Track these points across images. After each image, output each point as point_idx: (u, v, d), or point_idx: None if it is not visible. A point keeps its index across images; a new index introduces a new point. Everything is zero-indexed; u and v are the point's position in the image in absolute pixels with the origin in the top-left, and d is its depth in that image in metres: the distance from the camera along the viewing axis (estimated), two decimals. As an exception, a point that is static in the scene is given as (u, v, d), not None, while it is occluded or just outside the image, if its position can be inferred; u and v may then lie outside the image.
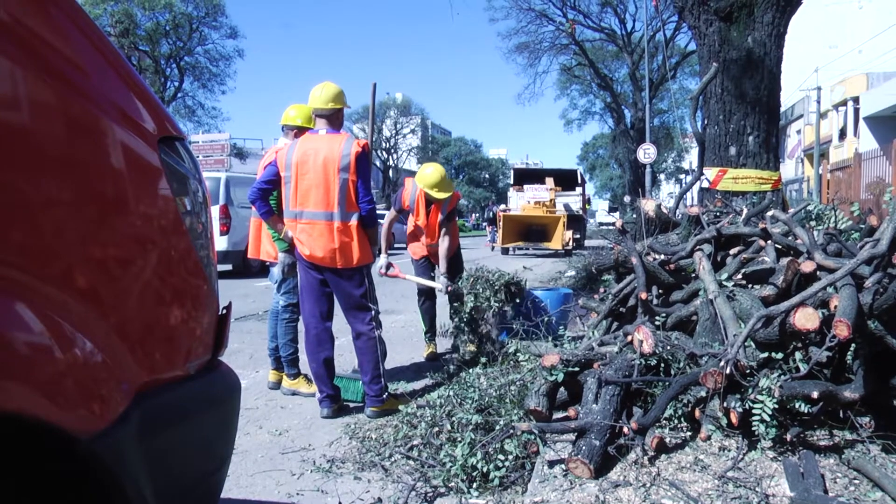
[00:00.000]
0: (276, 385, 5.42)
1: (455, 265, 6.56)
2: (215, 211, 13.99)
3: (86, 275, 1.42)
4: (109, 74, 1.59)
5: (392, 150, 69.74)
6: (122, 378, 1.45)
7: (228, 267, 14.94)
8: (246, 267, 14.78)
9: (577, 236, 25.24)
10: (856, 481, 2.88)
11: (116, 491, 1.39)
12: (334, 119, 4.62)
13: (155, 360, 1.61)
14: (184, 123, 41.98)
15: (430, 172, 6.17)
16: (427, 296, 6.66)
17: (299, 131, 5.13)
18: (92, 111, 1.48)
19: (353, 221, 4.47)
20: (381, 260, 6.27)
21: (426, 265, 6.64)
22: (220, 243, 14.05)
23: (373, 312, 4.64)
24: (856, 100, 32.31)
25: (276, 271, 5.36)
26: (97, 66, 1.56)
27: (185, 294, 1.74)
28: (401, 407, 4.46)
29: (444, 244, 6.21)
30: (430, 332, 6.65)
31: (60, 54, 1.44)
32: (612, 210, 62.39)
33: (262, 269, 15.23)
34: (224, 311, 1.95)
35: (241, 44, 59.70)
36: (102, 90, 1.54)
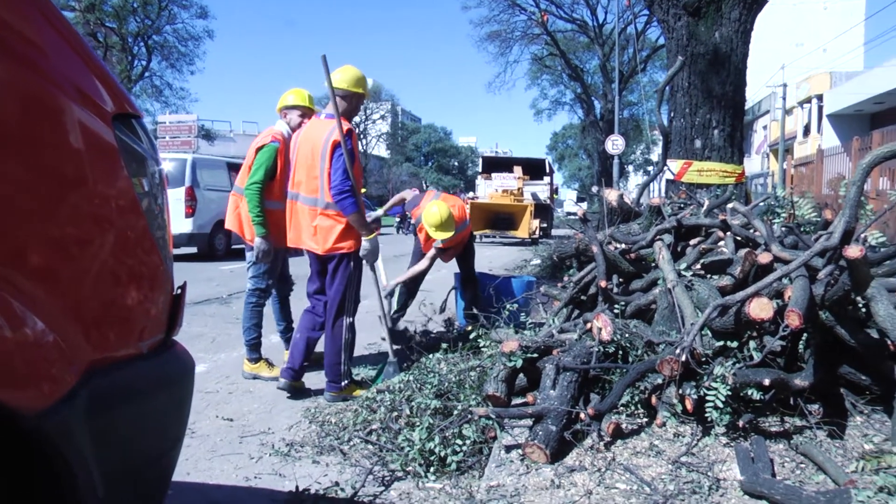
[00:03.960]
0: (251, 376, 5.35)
1: (467, 253, 6.64)
2: (181, 193, 13.85)
3: (37, 254, 1.40)
4: (65, 51, 1.57)
5: (361, 136, 69.40)
6: (71, 355, 1.44)
7: (193, 250, 14.80)
8: (211, 250, 14.66)
9: (544, 225, 25.36)
10: (802, 465, 2.95)
11: (64, 470, 1.38)
12: (340, 101, 4.53)
13: (106, 338, 1.59)
14: (151, 103, 41.46)
15: (434, 212, 5.98)
16: (415, 283, 6.70)
17: (303, 113, 5.24)
18: (47, 88, 1.46)
19: (332, 209, 4.48)
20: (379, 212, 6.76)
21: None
22: (185, 226, 13.93)
23: (347, 303, 4.64)
24: (820, 98, 32.82)
25: (249, 255, 5.31)
26: (52, 42, 1.54)
27: (140, 274, 1.73)
28: (361, 392, 4.48)
29: (418, 267, 6.31)
30: (401, 312, 6.68)
31: (14, 31, 1.42)
32: (580, 200, 62.71)
33: (227, 252, 15.15)
34: (179, 291, 1.93)
35: (211, 24, 59.00)
36: (58, 67, 1.52)
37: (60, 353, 1.40)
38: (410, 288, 6.64)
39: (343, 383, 4.62)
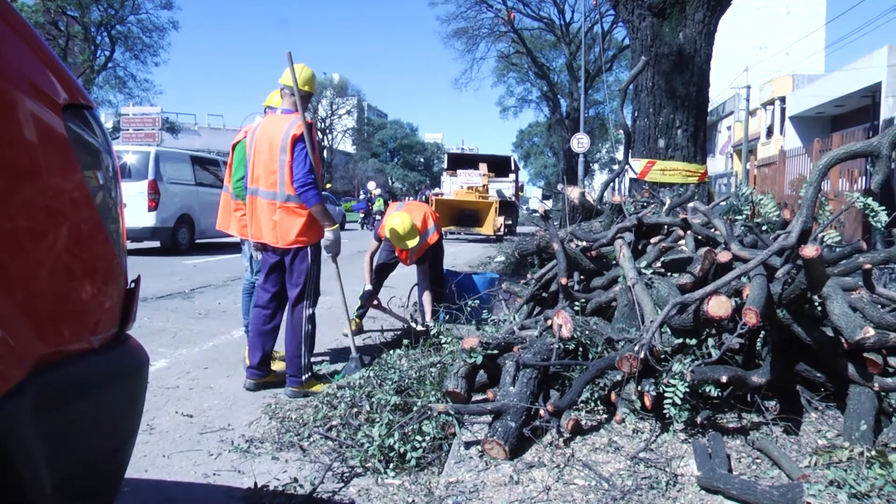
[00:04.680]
0: None
1: (436, 253, 6.68)
2: (144, 186, 13.68)
3: None
4: (12, 41, 1.53)
5: (327, 131, 69.00)
6: (19, 350, 1.41)
7: (156, 244, 14.62)
8: (174, 244, 14.49)
9: (509, 222, 25.46)
10: (758, 460, 3.00)
11: (8, 466, 1.35)
12: (293, 98, 4.64)
13: (57, 332, 1.56)
14: (114, 95, 40.69)
15: (397, 224, 6.10)
16: (378, 278, 6.71)
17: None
18: None
19: (293, 203, 4.51)
20: (366, 287, 6.53)
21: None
22: (148, 219, 13.76)
23: (307, 297, 4.64)
24: (782, 99, 33.36)
25: (245, 248, 5.42)
26: (2, 35, 1.50)
27: (92, 268, 1.70)
28: (322, 387, 4.46)
29: (425, 297, 6.37)
30: (364, 308, 6.71)
31: None
32: (545, 197, 63.03)
33: (191, 247, 14.99)
34: (133, 285, 1.90)
35: (176, 15, 58.10)
36: (9, 60, 1.49)
37: (7, 348, 1.37)
38: (375, 285, 6.65)
39: (304, 377, 4.63)
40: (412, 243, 6.14)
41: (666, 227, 4.86)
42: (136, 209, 13.30)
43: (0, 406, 1.32)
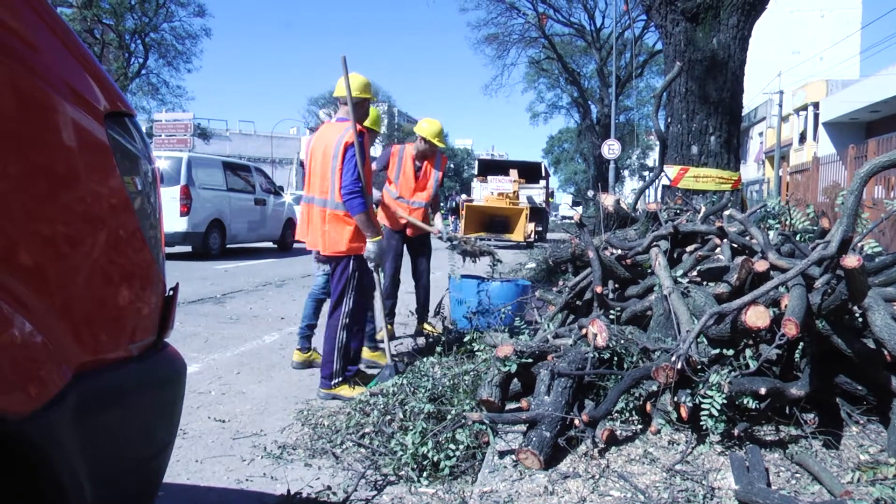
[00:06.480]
0: (300, 366, 5.50)
1: (424, 246, 6.78)
2: (176, 191, 13.83)
3: (26, 253, 1.37)
4: (57, 48, 1.54)
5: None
6: (60, 358, 1.41)
7: (188, 248, 14.77)
8: (206, 249, 14.62)
9: (540, 229, 25.36)
10: (797, 475, 2.93)
11: (49, 474, 1.36)
12: (356, 108, 4.64)
13: (96, 340, 1.57)
14: (147, 101, 41.26)
15: (431, 125, 6.62)
16: (390, 293, 6.68)
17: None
18: (38, 85, 1.44)
19: (342, 210, 4.57)
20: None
21: (399, 240, 6.70)
22: (180, 224, 13.89)
23: (343, 306, 4.67)
24: (816, 105, 32.94)
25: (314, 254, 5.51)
26: (44, 39, 1.51)
27: (131, 275, 1.71)
28: (353, 394, 4.46)
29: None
30: (389, 315, 6.70)
31: (6, 27, 1.40)
32: (575, 204, 62.77)
33: (222, 252, 15.12)
34: (171, 293, 1.91)
35: (209, 23, 58.79)
36: (50, 64, 1.50)
37: (49, 355, 1.38)
38: (392, 283, 6.64)
39: (333, 382, 4.66)
40: (443, 143, 6.61)
41: (702, 235, 4.81)
42: (168, 214, 13.43)
43: (43, 414, 1.32)
